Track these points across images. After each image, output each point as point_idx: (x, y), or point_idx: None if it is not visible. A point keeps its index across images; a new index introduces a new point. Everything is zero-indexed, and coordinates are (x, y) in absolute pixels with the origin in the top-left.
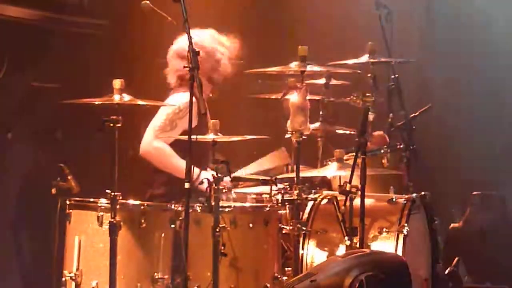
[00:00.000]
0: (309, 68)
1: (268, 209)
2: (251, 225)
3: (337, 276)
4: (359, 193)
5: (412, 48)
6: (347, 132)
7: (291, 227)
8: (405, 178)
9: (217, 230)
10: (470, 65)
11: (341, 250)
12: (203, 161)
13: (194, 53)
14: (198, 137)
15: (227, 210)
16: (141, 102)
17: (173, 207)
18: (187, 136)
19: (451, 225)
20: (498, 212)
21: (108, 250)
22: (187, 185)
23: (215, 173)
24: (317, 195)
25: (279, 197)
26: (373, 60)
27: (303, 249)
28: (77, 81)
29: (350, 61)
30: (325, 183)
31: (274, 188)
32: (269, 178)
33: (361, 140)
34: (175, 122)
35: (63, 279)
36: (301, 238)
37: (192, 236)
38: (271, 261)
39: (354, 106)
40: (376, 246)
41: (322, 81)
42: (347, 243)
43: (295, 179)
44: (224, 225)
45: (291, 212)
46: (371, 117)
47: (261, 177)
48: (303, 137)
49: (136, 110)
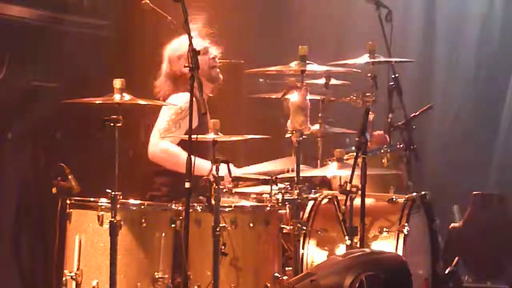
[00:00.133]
0: (309, 68)
1: (268, 208)
2: (251, 225)
3: (338, 275)
4: (359, 192)
5: (412, 47)
6: (347, 132)
7: (291, 227)
8: (405, 177)
9: (218, 229)
10: (470, 65)
11: (341, 250)
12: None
13: (194, 53)
14: (199, 136)
15: (227, 210)
16: (141, 102)
17: (173, 206)
18: (187, 136)
19: (451, 225)
20: (498, 212)
21: (108, 249)
22: (187, 184)
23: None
24: (317, 195)
25: (279, 196)
26: (373, 60)
27: (303, 248)
28: (78, 80)
29: (350, 61)
30: (325, 182)
31: (275, 187)
32: (269, 178)
33: (361, 140)
34: (179, 122)
35: (64, 278)
36: (301, 237)
37: (193, 236)
38: (271, 261)
39: (354, 106)
40: (376, 245)
41: (322, 80)
42: (348, 242)
43: (296, 178)
44: (224, 224)
45: (291, 211)
46: (371, 117)
47: (261, 177)
48: (303, 136)
49: (136, 110)
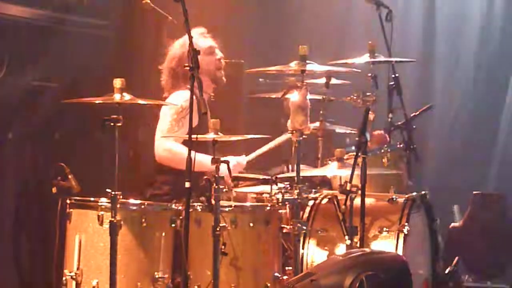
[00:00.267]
0: (309, 68)
1: (268, 208)
2: (251, 225)
3: (338, 275)
4: (359, 192)
5: (413, 47)
6: (347, 132)
7: (291, 227)
8: (405, 177)
9: (218, 229)
10: (470, 65)
11: (341, 250)
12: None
13: (194, 53)
14: (199, 136)
15: (227, 210)
16: (141, 102)
17: (173, 206)
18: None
19: (451, 225)
20: (498, 211)
21: (108, 249)
22: (187, 184)
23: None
24: (317, 195)
25: (279, 196)
26: (373, 60)
27: (303, 248)
28: (78, 80)
29: (351, 61)
30: (325, 182)
31: (275, 187)
32: (269, 177)
33: (361, 140)
34: (181, 121)
35: (64, 278)
36: (301, 237)
37: (193, 236)
38: (271, 261)
39: (355, 106)
40: (376, 245)
41: (323, 80)
42: (348, 242)
43: (296, 178)
44: (224, 224)
45: (291, 211)
46: (371, 116)
47: (261, 176)
48: (304, 136)
49: (137, 110)
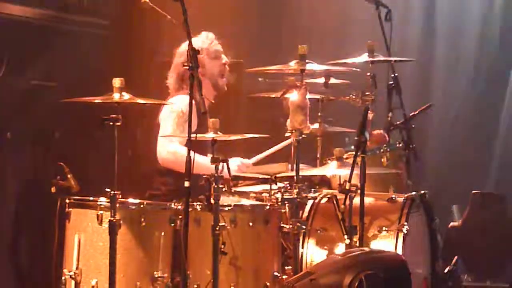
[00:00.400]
0: (308, 67)
1: (268, 208)
2: (251, 224)
3: (337, 274)
4: (358, 192)
5: (412, 47)
6: (347, 131)
7: (291, 226)
8: (404, 177)
9: (217, 228)
10: (470, 64)
11: (340, 249)
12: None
13: (194, 53)
14: (198, 136)
15: (227, 209)
16: (141, 101)
17: (172, 206)
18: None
19: (451, 224)
20: (498, 211)
21: (107, 248)
22: (186, 184)
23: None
24: (316, 194)
25: (279, 195)
26: (372, 59)
27: (302, 247)
28: (77, 79)
29: (350, 60)
30: (324, 182)
31: (274, 186)
32: (268, 177)
33: (360, 139)
34: (182, 125)
35: (63, 277)
36: (300, 236)
37: (192, 235)
38: (271, 260)
39: (354, 105)
40: (375, 245)
41: (322, 80)
42: (347, 242)
43: (295, 177)
44: (224, 224)
45: (290, 210)
46: (370, 116)
47: (260, 176)
48: (303, 135)
49: (136, 109)
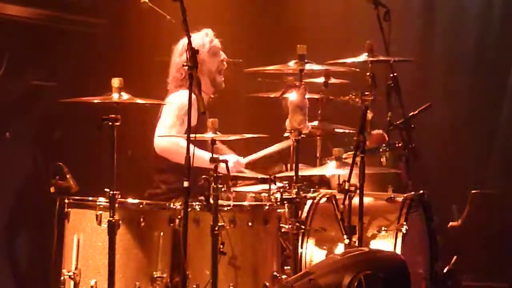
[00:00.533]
0: (307, 67)
1: (267, 207)
2: (250, 224)
3: (336, 274)
4: (357, 191)
5: (411, 46)
6: (346, 131)
7: (290, 226)
8: (404, 176)
9: (216, 228)
10: (469, 64)
11: (340, 249)
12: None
13: (193, 52)
14: (197, 135)
15: (226, 209)
16: (140, 101)
17: (172, 206)
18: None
19: (450, 224)
20: (497, 210)
21: (106, 248)
22: (186, 183)
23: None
24: (316, 194)
25: (278, 195)
26: (371, 59)
27: (302, 247)
28: (76, 79)
29: (349, 60)
30: (324, 181)
31: (273, 186)
32: (267, 177)
33: (359, 139)
34: (183, 118)
35: (62, 277)
36: (300, 236)
37: (191, 235)
38: (270, 260)
39: (353, 105)
40: (374, 244)
41: (321, 79)
42: (346, 241)
43: (294, 177)
44: (223, 223)
45: (290, 210)
46: (369, 115)
47: (260, 176)
48: (302, 135)
49: (135, 109)
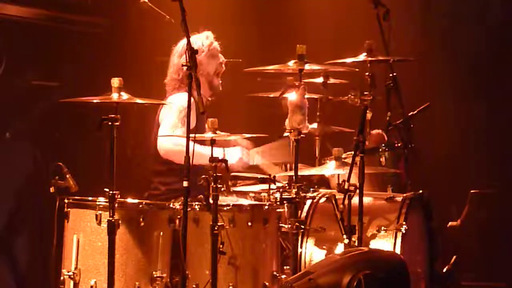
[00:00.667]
0: (307, 67)
1: (266, 207)
2: (249, 224)
3: (336, 274)
4: (357, 191)
5: (410, 46)
6: (345, 131)
7: (289, 226)
8: (403, 176)
9: (216, 228)
10: (469, 63)
11: (339, 249)
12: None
13: (192, 53)
14: (197, 135)
15: (225, 209)
16: (139, 101)
17: (171, 205)
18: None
19: (449, 224)
20: (496, 210)
21: (106, 248)
22: (185, 183)
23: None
24: (315, 194)
25: (277, 195)
26: (371, 59)
27: (301, 247)
28: (76, 79)
29: (348, 60)
30: (323, 181)
31: (273, 186)
32: (267, 177)
33: (359, 139)
34: (184, 119)
35: (62, 277)
36: (299, 236)
37: (191, 235)
38: (269, 260)
39: (352, 105)
40: (374, 244)
41: (320, 79)
42: (346, 241)
43: (294, 177)
44: (222, 223)
45: (289, 210)
46: (369, 115)
47: (259, 175)
48: (302, 135)
49: (134, 109)
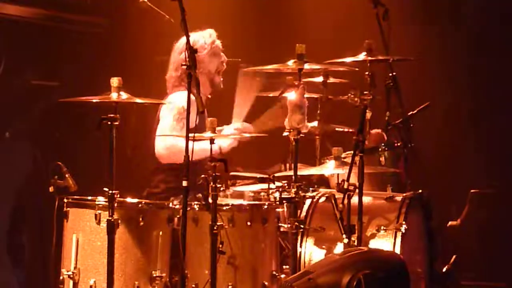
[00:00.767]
0: (306, 66)
1: (266, 207)
2: (249, 223)
3: (335, 274)
4: (357, 191)
5: (410, 46)
6: (345, 130)
7: (289, 225)
8: (403, 176)
9: (215, 228)
10: (468, 63)
11: (339, 248)
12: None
13: (191, 52)
14: (196, 135)
15: (225, 208)
16: (139, 100)
17: (170, 205)
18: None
19: (449, 223)
20: (496, 210)
21: (106, 248)
22: (184, 183)
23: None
24: (315, 193)
25: (277, 195)
26: (370, 58)
27: (301, 247)
28: (76, 79)
29: (348, 59)
30: (323, 181)
31: (272, 186)
32: (267, 176)
33: (359, 138)
34: (182, 121)
35: (61, 277)
36: (299, 236)
37: (190, 234)
38: (269, 259)
39: (352, 104)
40: (374, 244)
41: (320, 79)
42: (345, 241)
43: (293, 177)
44: (222, 223)
45: (289, 210)
46: (368, 115)
47: (259, 175)
48: (301, 135)
49: (134, 108)
